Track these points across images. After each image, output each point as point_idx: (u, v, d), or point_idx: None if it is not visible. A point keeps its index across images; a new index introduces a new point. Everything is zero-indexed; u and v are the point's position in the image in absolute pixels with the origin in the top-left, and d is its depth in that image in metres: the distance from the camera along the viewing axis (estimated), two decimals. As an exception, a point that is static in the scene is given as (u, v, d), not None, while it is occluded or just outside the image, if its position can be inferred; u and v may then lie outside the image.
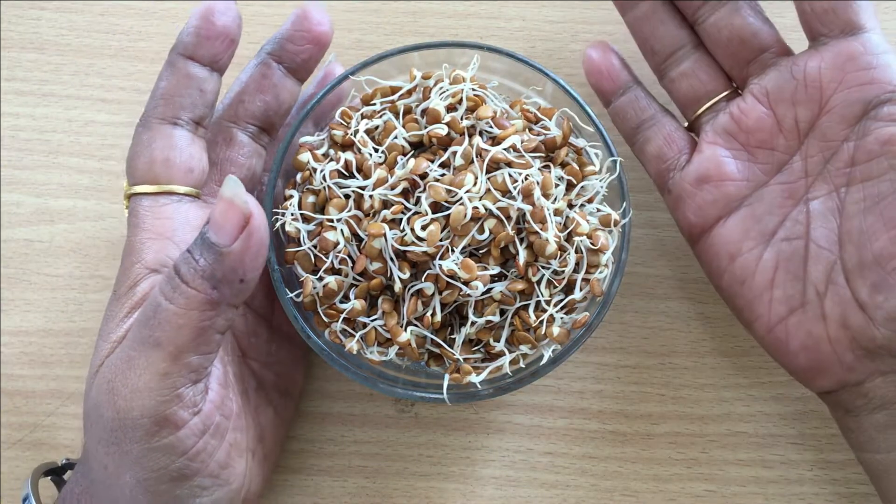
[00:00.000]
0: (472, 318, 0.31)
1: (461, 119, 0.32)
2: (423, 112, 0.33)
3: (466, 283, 0.30)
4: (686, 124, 0.36)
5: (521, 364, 0.32)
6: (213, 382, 0.30)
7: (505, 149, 0.31)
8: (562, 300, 0.32)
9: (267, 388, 0.35)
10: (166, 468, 0.28)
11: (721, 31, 0.34)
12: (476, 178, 0.30)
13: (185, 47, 0.31)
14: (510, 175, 0.31)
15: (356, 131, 0.33)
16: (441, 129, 0.32)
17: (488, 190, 0.30)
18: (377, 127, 0.33)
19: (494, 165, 0.31)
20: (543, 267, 0.31)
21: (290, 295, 0.32)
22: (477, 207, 0.30)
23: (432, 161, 0.31)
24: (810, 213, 0.33)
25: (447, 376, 0.32)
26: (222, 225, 0.27)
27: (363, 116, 0.34)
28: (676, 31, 0.35)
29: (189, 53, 0.31)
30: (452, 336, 0.32)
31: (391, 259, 0.31)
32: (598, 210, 0.33)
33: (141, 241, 0.30)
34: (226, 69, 0.32)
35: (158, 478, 0.28)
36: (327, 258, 0.31)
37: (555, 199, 0.31)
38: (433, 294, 0.31)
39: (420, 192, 0.31)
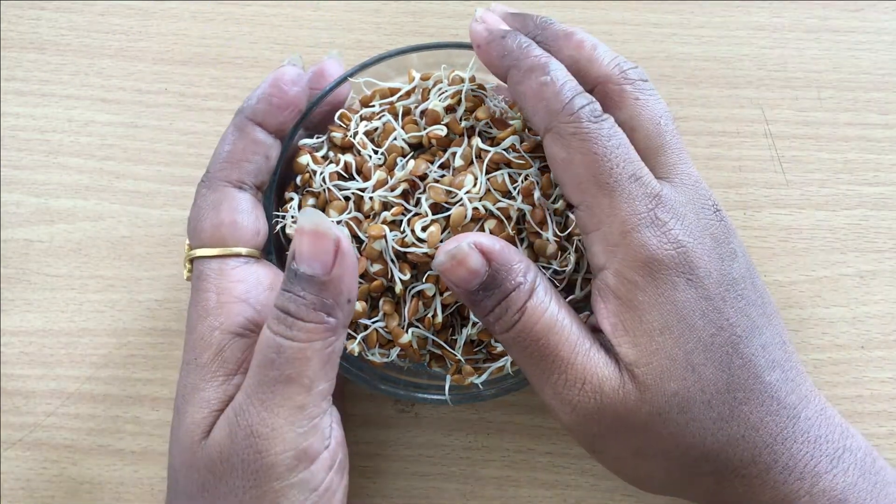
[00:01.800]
0: (473, 318, 0.31)
1: (460, 120, 0.32)
2: (423, 113, 0.33)
3: (467, 285, 0.30)
4: None
5: (522, 365, 0.32)
6: (334, 422, 0.30)
7: (504, 149, 0.31)
8: (562, 301, 0.32)
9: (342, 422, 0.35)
10: None
11: None
12: (476, 178, 0.30)
13: (255, 113, 0.32)
14: (510, 175, 0.31)
15: (355, 133, 0.33)
16: (440, 130, 0.32)
17: (488, 190, 0.30)
18: (376, 129, 0.33)
19: (494, 166, 0.31)
20: (544, 267, 0.31)
21: (291, 296, 0.32)
22: (477, 208, 0.30)
23: (432, 162, 0.31)
24: None
25: (449, 377, 0.32)
26: (316, 256, 0.27)
27: (362, 118, 0.34)
28: None
29: (259, 120, 0.32)
30: (454, 337, 0.32)
31: (392, 260, 0.31)
32: (598, 211, 0.33)
33: (218, 306, 0.30)
34: (286, 137, 0.33)
35: None
36: (327, 259, 0.31)
37: (554, 200, 0.31)
38: (434, 295, 0.31)
39: (420, 194, 0.31)
